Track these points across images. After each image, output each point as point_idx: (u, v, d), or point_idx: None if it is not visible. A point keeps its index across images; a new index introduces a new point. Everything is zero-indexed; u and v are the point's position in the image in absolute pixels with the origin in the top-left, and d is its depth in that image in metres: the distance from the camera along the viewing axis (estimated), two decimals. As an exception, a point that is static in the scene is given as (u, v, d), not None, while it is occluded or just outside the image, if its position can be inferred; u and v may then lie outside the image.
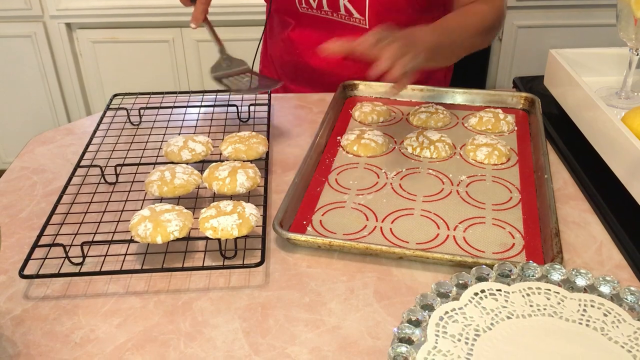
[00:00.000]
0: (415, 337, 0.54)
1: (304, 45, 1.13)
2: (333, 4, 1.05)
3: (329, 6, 1.05)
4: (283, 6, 1.11)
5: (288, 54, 1.16)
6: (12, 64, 2.16)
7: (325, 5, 1.05)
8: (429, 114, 0.99)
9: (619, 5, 0.90)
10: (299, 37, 1.13)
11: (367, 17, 1.04)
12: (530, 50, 2.08)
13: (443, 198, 0.81)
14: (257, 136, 0.89)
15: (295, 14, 1.10)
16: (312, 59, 1.12)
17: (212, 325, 0.63)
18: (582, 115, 0.91)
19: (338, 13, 1.06)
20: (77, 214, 0.78)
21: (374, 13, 1.03)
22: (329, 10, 1.06)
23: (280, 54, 1.19)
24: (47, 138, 0.99)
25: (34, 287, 0.68)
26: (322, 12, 1.07)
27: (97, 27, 2.11)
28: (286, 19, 1.14)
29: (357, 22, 1.06)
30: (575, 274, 0.62)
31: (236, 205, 0.72)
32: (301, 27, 1.12)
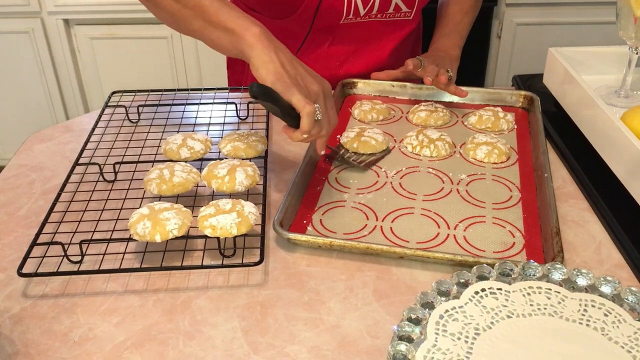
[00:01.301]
0: (415, 335, 0.54)
1: (343, 56, 1.10)
2: (384, 6, 1.04)
3: (379, 10, 1.05)
4: (324, 24, 1.05)
5: (324, 69, 1.09)
6: (10, 60, 2.15)
7: (375, 9, 1.04)
8: (428, 113, 0.98)
9: (619, 4, 0.90)
10: (337, 51, 1.10)
11: (414, 9, 1.07)
12: (529, 48, 2.08)
13: (443, 197, 0.81)
14: (256, 134, 0.88)
15: (334, 28, 1.07)
16: (351, 66, 1.11)
17: (211, 324, 0.63)
18: (582, 113, 0.91)
19: (385, 13, 1.06)
20: (76, 212, 0.78)
21: (420, 4, 1.07)
22: (376, 13, 1.05)
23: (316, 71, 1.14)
24: (45, 135, 0.99)
25: (32, 286, 0.68)
26: (367, 17, 1.05)
27: (95, 23, 2.11)
28: (323, 37, 1.08)
29: (402, 15, 1.08)
30: (576, 273, 0.62)
31: (235, 203, 0.72)
32: (339, 39, 1.09)
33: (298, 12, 1.02)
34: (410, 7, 1.06)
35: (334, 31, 1.08)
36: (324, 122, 0.73)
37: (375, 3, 1.03)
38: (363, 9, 1.03)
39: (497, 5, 2.03)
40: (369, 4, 1.03)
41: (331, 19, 1.05)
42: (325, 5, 1.01)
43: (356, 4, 1.02)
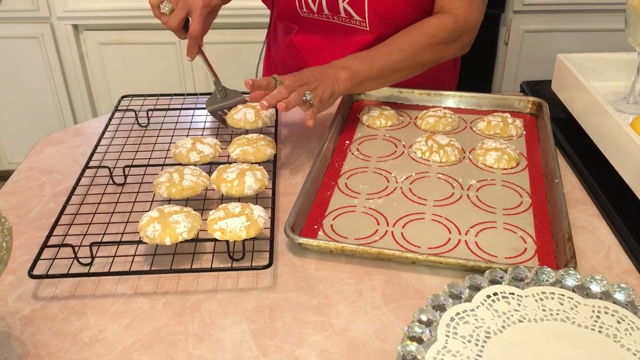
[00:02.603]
0: (426, 336, 0.54)
1: (307, 49, 1.13)
2: (333, 7, 1.04)
3: (329, 9, 1.05)
4: (285, 12, 1.11)
5: (291, 58, 1.16)
6: (19, 65, 2.17)
7: (325, 9, 1.05)
8: (437, 118, 0.99)
9: (628, 11, 0.90)
10: (301, 41, 1.13)
11: (367, 19, 1.04)
12: (536, 55, 2.08)
13: (454, 202, 0.81)
14: (265, 138, 0.89)
15: (297, 18, 1.10)
16: (315, 62, 1.11)
17: (220, 326, 0.63)
18: (590, 120, 0.91)
19: (338, 16, 1.06)
20: (86, 215, 0.78)
21: (374, 14, 1.03)
22: (329, 13, 1.06)
23: (284, 58, 1.19)
24: (55, 139, 0.99)
25: (42, 287, 0.68)
26: (323, 15, 1.07)
27: (104, 28, 2.12)
28: (289, 24, 1.14)
29: (357, 24, 1.06)
30: (589, 280, 0.62)
31: (244, 207, 0.72)
32: (304, 31, 1.12)
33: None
34: (361, 16, 1.03)
35: (298, 22, 1.11)
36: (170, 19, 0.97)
37: (323, 2, 1.04)
38: (313, 5, 1.05)
39: (504, 13, 2.04)
40: (317, 1, 1.04)
41: (289, 8, 1.08)
42: None
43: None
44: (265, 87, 0.86)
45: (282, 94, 0.84)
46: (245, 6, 1.99)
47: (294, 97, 0.85)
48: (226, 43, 2.10)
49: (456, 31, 1.01)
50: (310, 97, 0.87)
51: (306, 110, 0.87)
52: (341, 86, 0.92)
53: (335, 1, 1.03)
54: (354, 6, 1.03)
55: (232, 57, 2.12)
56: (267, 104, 0.83)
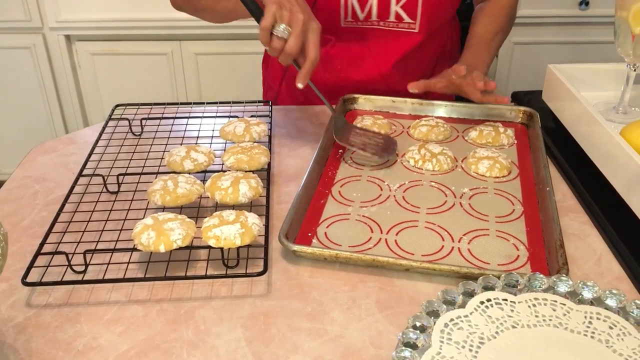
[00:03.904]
0: (420, 342, 0.55)
1: (346, 60, 1.11)
2: (383, 12, 1.04)
3: (378, 15, 1.05)
4: (323, 24, 1.04)
5: (328, 71, 1.13)
6: (11, 75, 2.16)
7: (374, 15, 1.05)
8: (429, 127, 0.99)
9: (617, 22, 0.92)
10: (340, 53, 1.11)
11: (418, 21, 1.06)
12: (526, 66, 2.11)
13: (446, 210, 0.81)
14: (259, 147, 0.89)
15: (336, 30, 1.08)
16: (355, 72, 1.12)
17: (214, 333, 0.63)
18: (581, 129, 0.92)
19: (386, 21, 1.06)
20: (80, 223, 0.78)
21: (426, 15, 1.06)
22: (376, 19, 1.06)
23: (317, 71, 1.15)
24: (48, 147, 0.99)
25: (36, 295, 0.68)
26: (368, 22, 1.06)
27: (96, 39, 2.13)
28: (325, 37, 1.10)
29: (406, 27, 1.07)
30: (581, 286, 0.63)
31: (239, 214, 0.73)
32: (342, 42, 1.10)
33: None
34: (413, 18, 1.06)
35: (337, 33, 1.09)
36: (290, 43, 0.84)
37: (374, 8, 1.04)
38: (361, 12, 1.04)
39: (495, 25, 2.06)
40: (367, 8, 1.03)
41: (329, 19, 1.06)
42: (322, 4, 1.03)
43: (353, 7, 1.04)
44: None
45: None
46: None
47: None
48: (222, 54, 2.11)
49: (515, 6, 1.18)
50: None
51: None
52: None
53: (387, 5, 1.04)
54: (407, 9, 1.04)
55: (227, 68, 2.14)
56: None
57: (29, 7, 2.04)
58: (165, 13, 2.02)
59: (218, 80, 2.19)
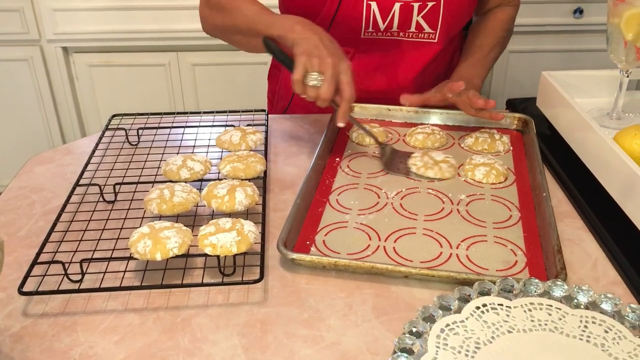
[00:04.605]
0: (416, 347, 0.55)
1: (365, 72, 1.11)
2: (404, 23, 1.05)
3: (399, 26, 1.06)
4: (344, 35, 1.06)
5: None
6: (9, 87, 2.17)
7: (395, 25, 1.05)
8: (425, 135, 1.00)
9: (609, 28, 0.93)
10: (360, 64, 1.10)
11: (438, 31, 1.07)
12: (522, 74, 2.12)
13: (444, 217, 0.82)
14: (255, 155, 0.89)
15: (356, 41, 1.09)
16: (374, 83, 1.12)
17: (211, 341, 0.63)
18: (575, 135, 0.93)
19: (406, 31, 1.07)
20: (76, 232, 0.78)
21: (446, 25, 1.07)
22: (397, 30, 1.06)
23: None
24: (45, 158, 1.00)
25: (32, 304, 0.68)
26: (388, 33, 1.07)
27: (93, 51, 2.13)
28: (344, 49, 1.06)
29: (425, 37, 1.08)
30: (577, 290, 0.63)
31: (235, 222, 0.73)
32: (362, 53, 1.10)
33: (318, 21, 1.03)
34: (433, 28, 1.06)
35: (356, 44, 1.09)
36: (323, 90, 0.86)
37: (395, 18, 1.04)
38: (382, 23, 1.05)
39: (490, 34, 2.07)
40: (388, 18, 1.04)
41: (350, 31, 1.06)
42: (343, 16, 1.04)
43: (375, 17, 1.04)
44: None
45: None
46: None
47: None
48: (219, 65, 2.12)
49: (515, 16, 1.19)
50: None
51: None
52: None
53: (409, 16, 1.05)
54: (428, 19, 1.05)
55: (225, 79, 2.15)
56: None
57: (26, 20, 2.05)
58: (163, 24, 2.03)
59: (215, 91, 2.19)
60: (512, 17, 1.18)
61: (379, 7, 1.04)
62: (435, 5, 1.05)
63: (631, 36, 0.89)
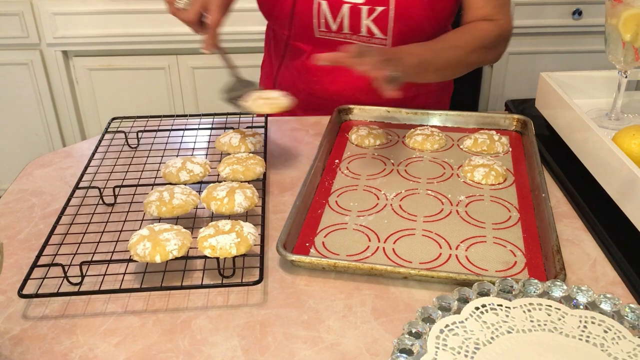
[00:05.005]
0: (415, 348, 0.55)
1: (321, 72, 1.11)
2: (354, 26, 1.05)
3: (350, 28, 1.05)
4: (300, 33, 1.09)
5: (303, 82, 1.15)
6: (9, 91, 2.17)
7: (346, 27, 1.05)
8: (424, 137, 1.00)
9: (607, 29, 0.93)
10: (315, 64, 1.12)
11: (389, 37, 1.05)
12: (521, 76, 2.12)
13: (443, 218, 0.82)
14: (255, 157, 0.90)
15: (311, 40, 1.09)
16: (330, 84, 1.12)
17: (211, 343, 0.63)
18: (574, 136, 0.93)
19: (358, 35, 1.06)
20: (76, 235, 0.78)
21: (398, 32, 1.04)
22: (349, 32, 1.06)
23: (294, 82, 1.17)
24: (45, 161, 1.00)
25: (32, 307, 0.68)
26: (342, 35, 1.07)
27: (93, 54, 2.14)
28: (301, 47, 1.12)
29: (377, 42, 1.06)
30: (576, 291, 0.63)
31: (234, 224, 0.73)
32: (318, 51, 1.08)
33: (276, 15, 1.08)
34: (384, 34, 1.05)
35: (312, 43, 1.10)
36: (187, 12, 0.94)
37: (345, 20, 1.04)
38: (333, 23, 1.05)
39: (489, 35, 2.07)
40: (338, 19, 1.04)
41: (305, 28, 1.07)
42: (298, 12, 1.05)
43: (326, 17, 1.05)
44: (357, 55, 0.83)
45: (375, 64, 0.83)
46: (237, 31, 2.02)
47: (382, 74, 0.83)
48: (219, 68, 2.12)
49: (499, 37, 1.05)
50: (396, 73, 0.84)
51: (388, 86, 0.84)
52: (409, 71, 0.91)
53: (358, 19, 1.04)
54: (378, 24, 1.04)
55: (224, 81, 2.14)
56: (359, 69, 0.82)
57: (26, 24, 2.06)
58: (162, 28, 2.04)
59: (215, 93, 2.19)
60: (494, 33, 1.04)
61: (329, 7, 1.04)
62: (385, 10, 1.02)
63: (629, 37, 0.90)
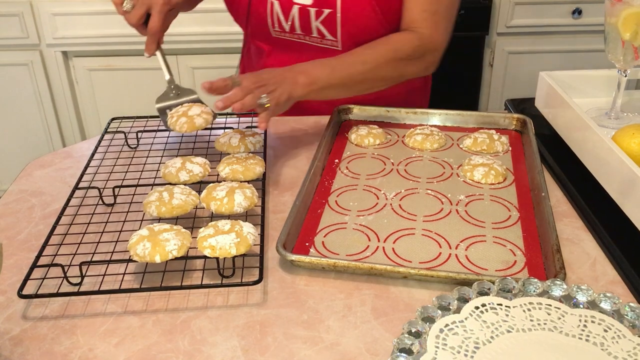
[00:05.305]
0: (415, 348, 0.55)
1: None
2: (305, 27, 1.05)
3: (301, 29, 1.06)
4: (257, 31, 1.11)
5: None
6: (9, 92, 2.18)
7: (298, 28, 1.06)
8: (424, 136, 1.00)
9: (607, 28, 0.93)
10: (274, 63, 1.10)
11: (339, 39, 1.05)
12: (521, 75, 2.12)
13: (443, 217, 0.82)
14: (254, 157, 0.89)
15: (269, 39, 1.11)
16: None
17: (210, 343, 0.63)
18: (574, 135, 0.93)
19: (310, 36, 1.07)
20: (76, 235, 0.78)
21: (347, 34, 1.04)
22: (301, 33, 1.07)
23: None
24: (45, 161, 1.00)
25: (32, 307, 0.68)
26: (295, 35, 1.07)
27: (93, 55, 2.14)
28: (261, 46, 1.14)
29: (329, 44, 1.07)
30: (576, 290, 0.63)
31: (234, 224, 0.73)
32: (276, 52, 1.12)
33: (234, 12, 1.10)
34: (333, 35, 1.05)
35: (270, 43, 1.11)
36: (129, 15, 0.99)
37: (296, 21, 1.04)
38: (286, 23, 1.06)
39: (489, 35, 2.08)
40: (290, 19, 1.05)
41: (261, 27, 1.09)
42: (253, 11, 1.06)
43: (278, 17, 1.05)
44: (223, 89, 0.85)
45: (238, 96, 0.84)
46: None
47: (250, 99, 0.85)
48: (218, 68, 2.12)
49: (420, 48, 1.02)
50: (266, 100, 0.86)
51: (261, 112, 0.87)
52: (299, 91, 0.92)
53: (308, 21, 1.04)
54: (327, 26, 1.04)
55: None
56: (223, 104, 0.83)
57: (26, 24, 2.06)
58: (162, 28, 2.03)
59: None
60: (412, 44, 1.00)
61: (280, 7, 1.05)
62: (332, 13, 1.02)
63: (628, 36, 0.90)
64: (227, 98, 0.84)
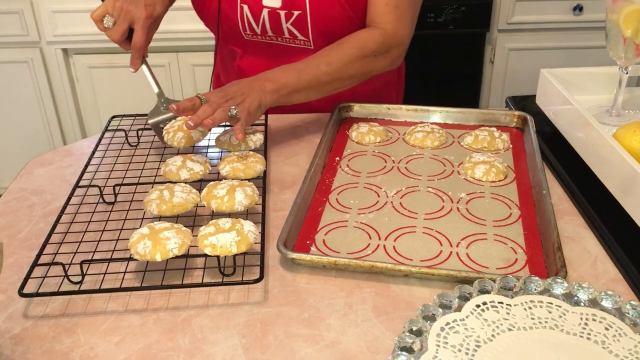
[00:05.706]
0: (416, 346, 0.55)
1: (253, 74, 1.07)
2: (276, 29, 1.05)
3: (272, 31, 1.06)
4: (229, 35, 1.11)
5: None
6: (9, 89, 2.17)
7: (269, 30, 1.06)
8: (425, 134, 1.00)
9: (608, 25, 0.93)
10: (248, 66, 1.12)
11: (310, 38, 1.05)
12: (522, 72, 2.12)
13: (444, 215, 0.81)
14: (255, 155, 0.89)
15: (241, 42, 1.11)
16: None
17: (211, 341, 0.63)
18: (575, 132, 0.92)
19: (282, 37, 1.07)
20: (76, 233, 0.78)
21: (318, 33, 1.04)
22: (273, 35, 1.07)
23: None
24: (45, 159, 1.00)
25: (33, 306, 0.68)
26: (267, 37, 1.08)
27: (93, 52, 2.14)
28: (234, 49, 1.14)
29: (301, 43, 1.07)
30: (577, 288, 0.63)
31: (235, 222, 0.73)
32: (249, 54, 1.12)
33: (204, 16, 1.10)
34: (305, 36, 1.05)
35: (242, 45, 1.11)
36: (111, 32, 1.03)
37: (267, 23, 1.04)
38: (257, 26, 1.06)
39: (490, 32, 2.07)
40: (260, 22, 1.05)
41: (233, 30, 1.08)
42: (223, 15, 1.06)
43: (249, 20, 1.05)
44: (191, 109, 0.86)
45: (207, 112, 0.85)
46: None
47: (220, 113, 0.85)
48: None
49: (384, 44, 1.02)
50: (236, 111, 0.87)
51: (234, 124, 0.88)
52: (268, 98, 0.93)
53: (279, 23, 1.04)
54: (298, 27, 1.04)
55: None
56: (193, 123, 0.84)
57: (26, 22, 2.06)
58: (162, 25, 2.03)
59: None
60: (376, 40, 1.01)
61: (250, 11, 1.05)
62: (302, 14, 1.03)
63: (630, 32, 0.89)
64: (196, 116, 0.85)
